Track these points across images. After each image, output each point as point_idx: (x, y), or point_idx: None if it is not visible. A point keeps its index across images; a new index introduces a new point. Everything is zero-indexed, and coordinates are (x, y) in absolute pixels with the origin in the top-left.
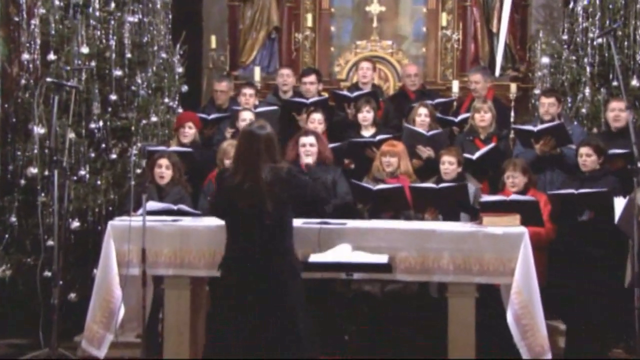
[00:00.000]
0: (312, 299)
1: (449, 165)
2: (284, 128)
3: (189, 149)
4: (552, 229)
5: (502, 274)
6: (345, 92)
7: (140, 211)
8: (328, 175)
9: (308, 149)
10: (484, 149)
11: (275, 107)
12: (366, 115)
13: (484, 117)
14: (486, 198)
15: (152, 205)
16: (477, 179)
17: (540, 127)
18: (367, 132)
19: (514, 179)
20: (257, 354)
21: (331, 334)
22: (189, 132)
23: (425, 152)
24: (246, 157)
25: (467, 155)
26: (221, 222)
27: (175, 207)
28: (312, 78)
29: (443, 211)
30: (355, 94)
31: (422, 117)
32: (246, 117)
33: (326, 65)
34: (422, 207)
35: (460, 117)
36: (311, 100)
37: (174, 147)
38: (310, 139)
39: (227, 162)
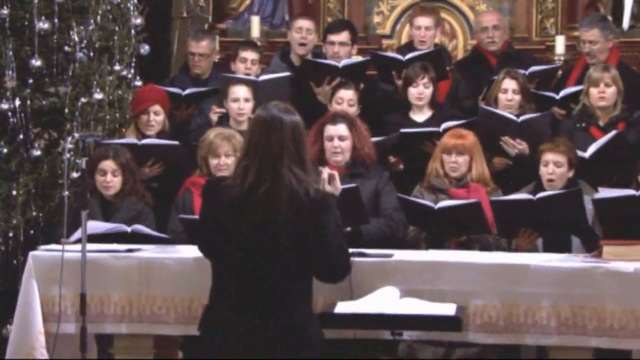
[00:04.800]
0: None
1: (554, 167)
2: (296, 104)
3: (175, 142)
4: None
5: (634, 334)
6: (394, 54)
7: (77, 236)
8: (369, 181)
9: (337, 144)
10: (600, 141)
11: (284, 74)
12: (423, 90)
13: (604, 93)
14: (603, 193)
15: (95, 226)
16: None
17: None
18: (420, 116)
19: None
20: None
21: None
22: (156, 119)
23: (516, 146)
24: (262, 153)
25: (578, 153)
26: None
27: (128, 229)
28: (344, 36)
29: (543, 235)
30: (410, 55)
31: (509, 93)
32: (239, 95)
33: (360, 15)
34: (509, 230)
35: (566, 91)
36: (344, 62)
37: (155, 140)
38: (341, 128)
39: (215, 162)
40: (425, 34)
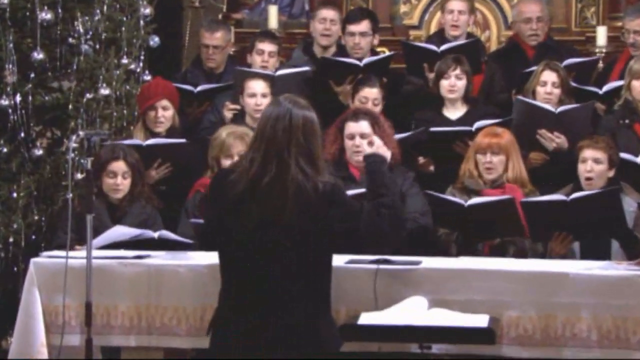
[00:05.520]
0: None
1: (593, 164)
2: (315, 104)
3: (181, 140)
4: None
5: None
6: (429, 45)
7: (98, 242)
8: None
9: (359, 142)
10: None
11: (303, 69)
12: (455, 82)
13: None
14: None
15: (121, 233)
16: None
17: None
18: (454, 113)
19: None
20: None
21: None
22: (165, 115)
23: (553, 139)
24: (267, 143)
25: (625, 156)
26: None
27: (155, 235)
28: (364, 26)
29: (580, 239)
30: (445, 46)
31: (548, 86)
32: (257, 90)
33: (386, 4)
34: (543, 234)
35: (610, 86)
36: (366, 61)
37: (161, 140)
38: (363, 126)
39: (227, 163)
40: (458, 18)
